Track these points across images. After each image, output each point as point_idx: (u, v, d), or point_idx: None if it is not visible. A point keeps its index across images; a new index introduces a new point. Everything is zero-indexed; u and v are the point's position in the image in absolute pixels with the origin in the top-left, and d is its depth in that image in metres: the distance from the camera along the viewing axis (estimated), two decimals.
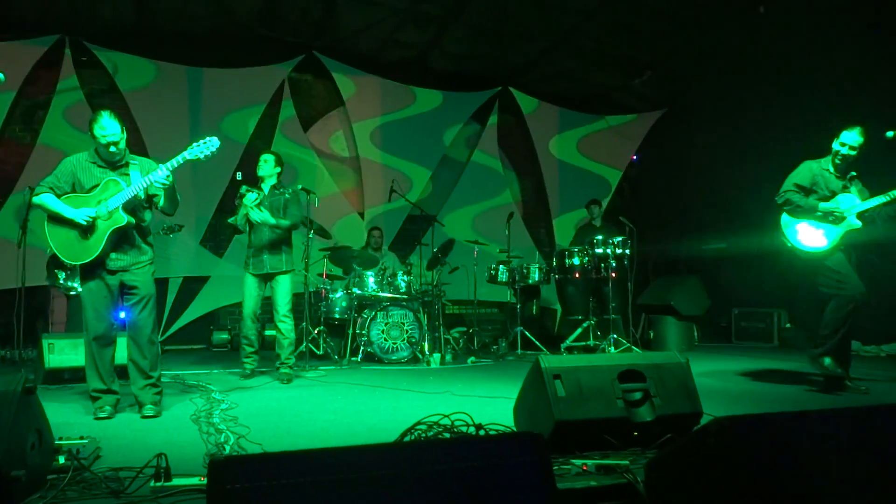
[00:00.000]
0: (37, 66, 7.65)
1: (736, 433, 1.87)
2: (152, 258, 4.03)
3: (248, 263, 5.60)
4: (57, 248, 3.75)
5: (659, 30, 8.29)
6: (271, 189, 5.67)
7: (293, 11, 8.06)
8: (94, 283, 3.84)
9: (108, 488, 2.32)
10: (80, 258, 3.75)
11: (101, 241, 3.73)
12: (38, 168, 7.41)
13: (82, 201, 3.76)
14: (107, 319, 3.88)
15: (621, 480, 2.34)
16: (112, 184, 3.78)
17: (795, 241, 5.02)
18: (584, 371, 2.92)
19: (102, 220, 3.73)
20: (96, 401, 3.86)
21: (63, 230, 3.74)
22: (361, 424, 3.70)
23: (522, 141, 10.31)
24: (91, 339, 3.85)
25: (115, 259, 3.85)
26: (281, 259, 5.55)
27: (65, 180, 3.82)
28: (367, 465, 1.62)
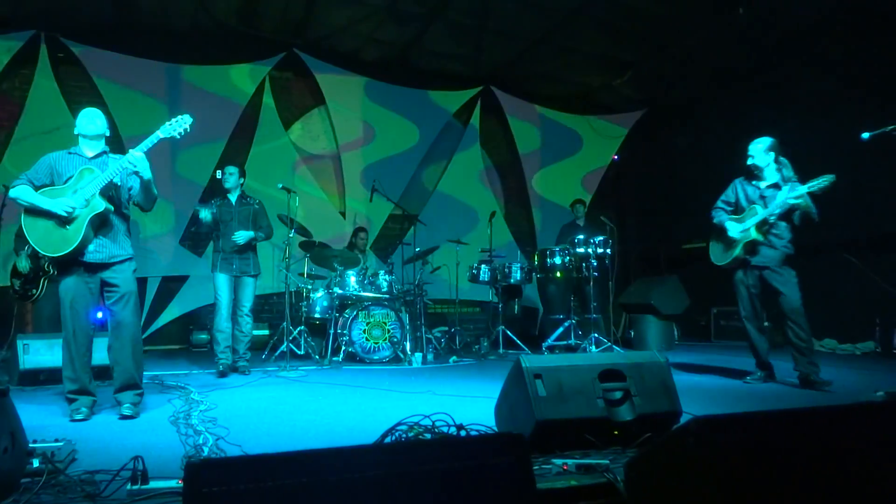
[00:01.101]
0: (11, 63, 7.53)
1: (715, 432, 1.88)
2: (132, 255, 3.96)
3: (216, 265, 5.95)
4: (35, 241, 3.68)
5: (640, 30, 8.35)
6: (238, 200, 6.07)
7: (273, 9, 8.01)
8: (72, 279, 3.77)
9: (83, 492, 2.28)
10: (60, 249, 3.66)
11: (80, 229, 3.66)
12: (13, 165, 7.31)
13: (59, 192, 3.70)
14: (85, 318, 3.81)
15: (601, 480, 2.34)
16: (87, 172, 3.74)
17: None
18: (565, 370, 2.92)
19: (80, 209, 3.68)
20: (72, 402, 3.79)
21: (41, 222, 3.68)
22: (342, 425, 3.68)
23: (504, 140, 10.33)
24: (69, 338, 3.77)
25: (95, 251, 3.78)
26: (249, 263, 6.00)
27: (43, 172, 3.78)
28: (347, 467, 1.61)
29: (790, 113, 8.66)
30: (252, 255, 6.05)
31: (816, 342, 7.95)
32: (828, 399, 4.44)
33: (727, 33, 8.10)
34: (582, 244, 7.34)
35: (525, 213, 10.47)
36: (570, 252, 7.45)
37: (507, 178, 10.43)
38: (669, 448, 1.95)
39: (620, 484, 2.25)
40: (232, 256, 5.92)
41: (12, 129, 7.57)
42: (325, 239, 7.84)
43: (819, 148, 8.28)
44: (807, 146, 8.43)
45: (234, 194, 6.08)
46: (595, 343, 7.13)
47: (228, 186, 6.04)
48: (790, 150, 5.42)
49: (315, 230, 7.52)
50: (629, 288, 8.80)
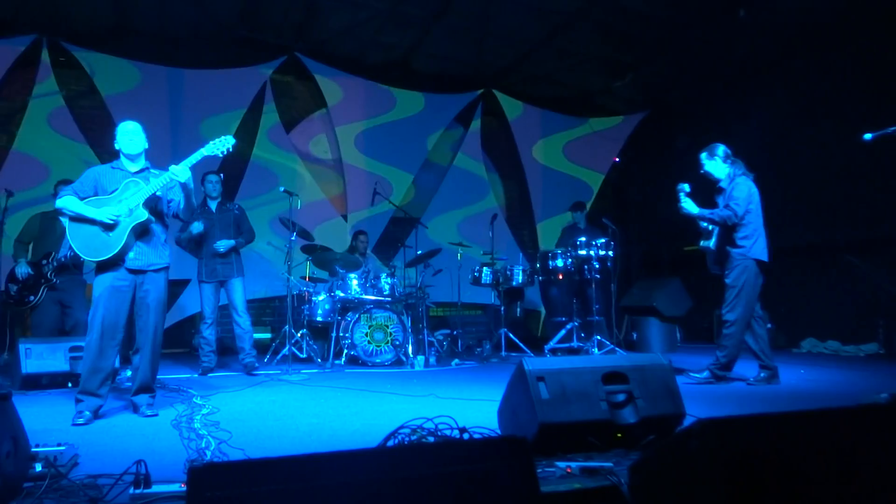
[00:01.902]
0: (13, 67, 7.54)
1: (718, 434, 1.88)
2: (169, 264, 4.11)
3: (201, 272, 6.11)
4: (78, 247, 3.85)
5: (640, 32, 8.35)
6: (218, 207, 6.21)
7: (275, 12, 8.02)
8: (108, 281, 3.88)
9: (86, 496, 2.28)
10: (101, 254, 3.82)
11: (122, 236, 3.83)
12: (16, 170, 7.32)
13: (104, 202, 3.87)
14: (115, 321, 3.87)
15: (605, 483, 2.33)
16: (132, 184, 3.92)
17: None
18: (568, 373, 2.92)
19: (124, 217, 3.84)
20: (79, 403, 3.80)
21: (84, 229, 3.84)
22: (344, 428, 3.67)
23: (506, 143, 10.33)
24: (96, 338, 3.82)
25: (135, 258, 3.92)
26: (232, 266, 6.12)
27: (88, 185, 3.95)
28: (350, 471, 1.60)
29: (792, 114, 8.67)
30: (234, 257, 6.17)
31: (820, 343, 7.97)
32: (832, 401, 4.43)
33: (728, 35, 8.10)
34: (584, 246, 7.34)
35: (527, 215, 10.47)
36: (572, 254, 7.44)
37: (509, 181, 10.43)
38: (674, 451, 1.94)
39: (625, 487, 2.24)
40: (214, 262, 6.06)
41: (14, 133, 7.57)
42: (327, 242, 7.83)
43: (820, 149, 8.29)
44: (808, 147, 8.45)
45: (214, 201, 6.19)
46: (597, 345, 7.12)
47: (215, 195, 6.18)
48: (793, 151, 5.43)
49: (317, 233, 7.52)
50: (631, 290, 8.78)
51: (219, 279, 6.08)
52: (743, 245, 5.04)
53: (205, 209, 6.14)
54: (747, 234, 5.03)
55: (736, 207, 5.00)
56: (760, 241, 5.07)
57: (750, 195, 5.08)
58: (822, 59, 8.20)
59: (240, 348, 6.14)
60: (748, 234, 5.03)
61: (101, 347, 3.84)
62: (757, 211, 5.11)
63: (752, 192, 5.10)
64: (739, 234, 5.04)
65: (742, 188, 5.07)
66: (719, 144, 5.34)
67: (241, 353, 6.13)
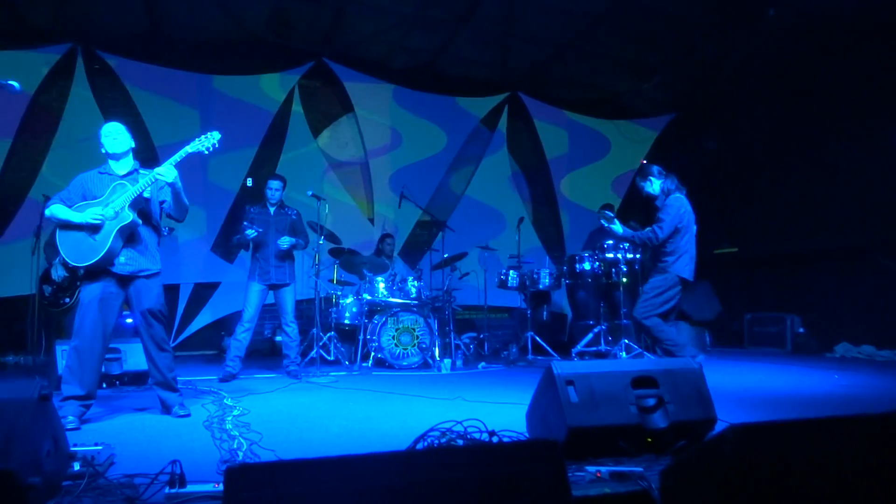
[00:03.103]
0: (50, 75, 7.72)
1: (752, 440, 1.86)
2: (161, 269, 4.08)
3: (253, 273, 6.05)
4: (66, 252, 3.81)
5: (667, 34, 8.28)
6: (276, 210, 6.18)
7: (303, 19, 8.11)
8: (96, 288, 3.87)
9: (123, 495, 2.32)
10: (87, 258, 3.78)
11: (108, 238, 3.78)
12: (52, 174, 7.49)
13: (91, 206, 3.84)
14: (101, 326, 3.86)
15: (636, 488, 2.32)
16: (119, 187, 3.88)
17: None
18: (597, 377, 2.91)
19: (109, 221, 3.80)
20: (61, 409, 3.67)
21: (72, 234, 3.81)
22: (373, 430, 3.70)
23: (532, 146, 10.31)
24: (80, 343, 3.81)
25: (125, 264, 3.89)
26: (285, 271, 6.09)
27: (76, 192, 3.92)
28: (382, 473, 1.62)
29: (821, 116, 8.54)
30: (289, 263, 6.15)
31: (853, 348, 7.82)
32: (867, 407, 4.34)
33: (757, 35, 8.00)
34: (611, 249, 7.28)
35: (553, 218, 10.43)
36: (600, 257, 7.39)
37: (535, 184, 10.40)
38: (706, 456, 1.93)
39: (656, 492, 2.22)
40: (268, 265, 6.01)
41: (50, 140, 7.75)
42: (354, 245, 7.89)
43: (850, 151, 8.15)
44: (838, 149, 8.31)
45: (273, 205, 6.20)
46: (625, 349, 7.06)
47: (274, 201, 6.17)
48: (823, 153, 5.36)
49: (344, 237, 7.58)
50: None
51: (270, 282, 6.02)
52: (666, 261, 5.18)
53: (262, 210, 6.16)
54: (671, 250, 5.17)
55: (658, 231, 5.15)
56: (684, 259, 5.17)
57: (679, 214, 5.19)
58: (853, 58, 8.06)
59: (285, 355, 6.16)
60: (672, 251, 5.16)
61: (84, 355, 3.82)
62: (687, 228, 5.23)
63: (681, 212, 5.22)
64: (665, 251, 5.20)
65: (671, 209, 5.20)
66: (652, 165, 5.52)
67: (285, 360, 6.15)
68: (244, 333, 5.95)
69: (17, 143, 7.63)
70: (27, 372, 6.45)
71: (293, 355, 6.14)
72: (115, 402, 4.68)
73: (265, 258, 6.03)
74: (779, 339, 8.51)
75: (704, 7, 7.53)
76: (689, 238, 5.23)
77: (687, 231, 5.21)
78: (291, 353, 6.14)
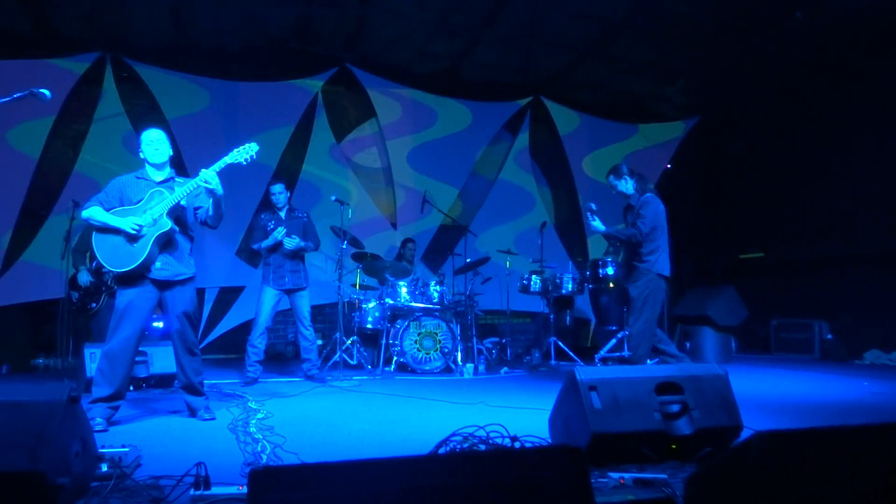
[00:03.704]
0: (79, 83, 7.86)
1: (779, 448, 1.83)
2: (195, 274, 4.15)
3: (268, 278, 6.07)
4: (103, 257, 3.87)
5: (691, 36, 8.20)
6: (287, 214, 6.21)
7: (326, 25, 8.18)
8: (133, 293, 3.92)
9: (149, 496, 2.36)
10: (125, 264, 3.83)
11: (146, 246, 3.84)
12: (81, 181, 7.63)
13: (129, 212, 3.89)
14: (135, 330, 3.92)
15: (660, 495, 2.30)
16: (157, 194, 3.94)
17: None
18: (621, 383, 2.88)
19: (147, 228, 3.86)
20: (93, 409, 3.76)
21: (109, 239, 3.86)
22: (395, 434, 3.71)
23: (554, 150, 10.27)
24: (114, 347, 3.86)
25: (161, 269, 3.96)
26: (300, 276, 6.11)
27: (113, 196, 3.98)
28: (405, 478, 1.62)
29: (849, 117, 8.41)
30: (302, 266, 6.16)
31: (884, 355, 7.67)
32: None
33: (783, 37, 7.90)
34: None
35: (576, 223, 10.37)
36: None
37: (558, 188, 10.36)
38: (732, 463, 1.90)
39: (680, 499, 2.20)
40: (283, 270, 6.02)
41: (80, 147, 7.89)
42: (377, 251, 7.93)
43: (880, 153, 8.01)
44: (866, 152, 8.17)
45: (283, 210, 6.21)
46: None
47: (281, 204, 6.19)
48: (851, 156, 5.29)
49: (367, 241, 7.62)
50: (684, 299, 8.62)
51: (285, 288, 6.02)
52: (648, 260, 5.20)
53: (274, 216, 6.19)
54: (652, 249, 5.19)
55: (642, 226, 5.18)
56: (664, 257, 5.23)
57: (657, 213, 5.23)
58: (881, 58, 7.93)
59: (305, 359, 6.16)
60: (653, 250, 5.19)
61: (116, 358, 3.87)
62: (663, 227, 5.27)
63: (658, 210, 5.26)
64: (645, 250, 5.21)
65: (650, 207, 5.23)
66: (622, 163, 5.57)
67: (305, 364, 6.15)
68: (260, 338, 5.98)
69: (47, 150, 7.76)
70: (56, 375, 6.58)
71: (313, 358, 6.17)
72: (141, 404, 4.74)
73: (279, 263, 6.04)
74: (806, 345, 8.37)
75: (728, 10, 7.46)
76: (665, 236, 5.30)
77: (664, 229, 5.28)
78: (311, 356, 6.16)
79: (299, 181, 8.75)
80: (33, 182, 7.63)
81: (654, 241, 5.18)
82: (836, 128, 8.58)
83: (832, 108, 8.63)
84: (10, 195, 7.49)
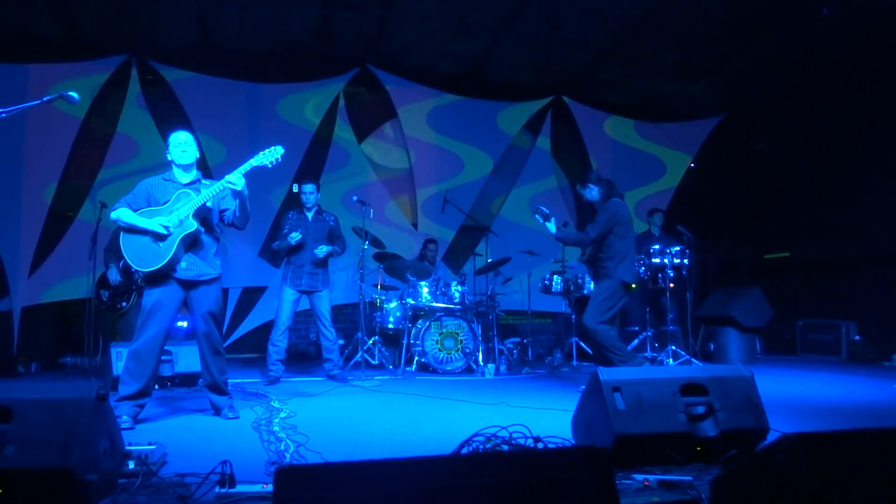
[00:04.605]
0: (106, 86, 7.98)
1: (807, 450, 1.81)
2: (220, 274, 4.20)
3: (286, 278, 6.11)
4: (130, 257, 3.94)
5: (715, 34, 8.11)
6: (314, 216, 6.21)
7: (348, 27, 8.22)
8: (159, 292, 3.99)
9: (175, 493, 2.39)
10: (151, 264, 3.90)
11: (171, 246, 3.90)
12: (107, 185, 7.74)
13: (156, 213, 3.96)
14: (162, 330, 3.98)
15: (686, 497, 2.28)
16: (183, 195, 4.00)
17: None
18: (645, 384, 2.86)
19: (174, 228, 3.92)
20: (120, 407, 3.82)
21: (137, 239, 3.93)
22: (417, 434, 3.71)
23: (577, 150, 10.22)
24: (141, 346, 3.92)
25: (186, 269, 4.01)
26: (318, 278, 6.13)
27: (141, 197, 4.05)
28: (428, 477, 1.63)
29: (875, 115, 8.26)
30: (323, 269, 6.17)
31: None
32: None
33: (809, 34, 7.78)
34: (658, 254, 7.17)
35: None
36: (646, 262, 7.28)
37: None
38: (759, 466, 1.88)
39: (706, 502, 2.18)
40: (301, 271, 6.07)
41: (106, 148, 8.01)
42: (398, 251, 7.95)
43: None
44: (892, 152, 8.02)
45: (310, 210, 6.23)
46: (672, 356, 6.94)
47: (310, 205, 6.20)
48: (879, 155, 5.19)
49: (388, 242, 7.64)
50: (708, 299, 8.52)
51: (302, 289, 6.07)
52: (607, 266, 5.26)
53: (300, 216, 6.21)
54: (611, 255, 5.25)
55: (591, 231, 5.23)
56: (626, 263, 5.26)
57: (613, 219, 5.23)
58: None
59: (326, 359, 6.21)
60: (611, 256, 5.24)
61: (143, 357, 3.93)
62: (623, 233, 5.26)
63: (617, 215, 5.25)
64: (603, 255, 5.28)
65: (605, 213, 5.25)
66: (590, 171, 5.64)
67: (327, 364, 6.20)
68: (281, 337, 6.04)
69: (74, 152, 7.88)
70: (83, 373, 6.68)
71: (335, 358, 6.21)
72: (166, 402, 4.80)
73: (299, 264, 6.07)
74: (834, 346, 8.24)
75: (752, 6, 7.36)
76: (629, 242, 5.31)
77: (625, 235, 5.28)
78: (333, 356, 6.19)
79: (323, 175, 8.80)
80: (62, 182, 7.76)
81: (610, 247, 5.22)
82: (863, 126, 8.44)
83: (860, 107, 8.49)
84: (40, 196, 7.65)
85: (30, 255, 7.56)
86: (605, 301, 5.18)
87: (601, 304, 5.18)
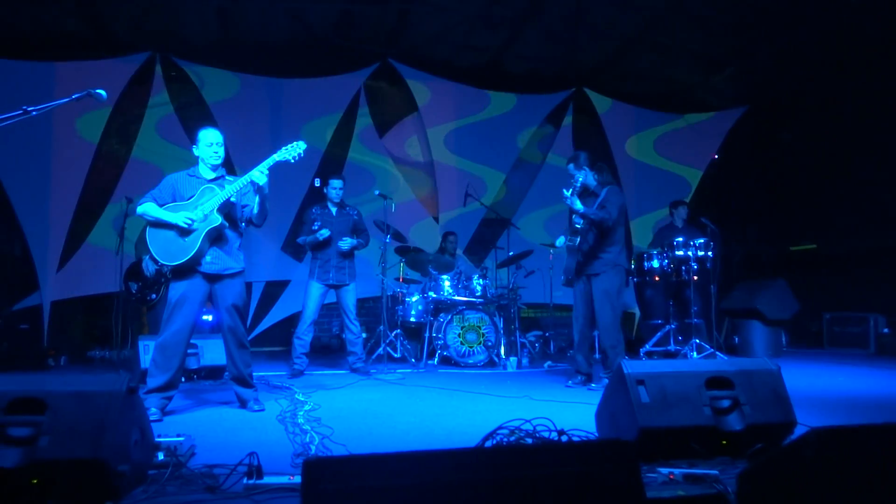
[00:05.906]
0: (130, 83, 8.08)
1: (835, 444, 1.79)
2: (244, 268, 4.25)
3: (314, 272, 6.18)
4: (156, 251, 4.01)
5: (739, 24, 8.00)
6: (339, 210, 6.28)
7: (368, 21, 8.23)
8: (184, 285, 4.05)
9: (204, 484, 2.43)
10: (176, 258, 3.98)
11: (197, 240, 3.96)
12: (133, 179, 7.84)
13: (182, 207, 4.03)
14: (187, 322, 4.04)
15: (711, 491, 2.27)
16: (208, 190, 4.06)
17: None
18: (669, 377, 2.85)
19: (199, 223, 3.98)
20: (149, 399, 3.83)
21: (162, 233, 4.00)
22: (441, 427, 3.73)
23: (598, 142, 10.14)
24: (168, 338, 3.98)
25: (211, 263, 4.07)
26: (345, 272, 6.21)
27: (166, 192, 4.12)
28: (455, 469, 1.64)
29: None
30: (349, 262, 6.24)
31: None
32: None
33: (834, 23, 7.64)
34: (681, 247, 7.09)
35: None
36: (669, 255, 7.21)
37: None
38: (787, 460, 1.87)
39: (732, 496, 2.17)
40: (328, 265, 6.14)
41: (132, 144, 8.13)
42: (419, 243, 7.96)
43: None
44: None
45: (335, 206, 6.29)
46: (696, 349, 6.88)
47: (337, 200, 6.27)
48: None
49: (410, 235, 7.66)
50: (733, 292, 8.43)
51: (329, 283, 6.15)
52: (610, 251, 5.21)
53: (324, 210, 6.29)
54: (614, 241, 5.21)
55: (613, 211, 5.13)
56: (626, 251, 5.31)
57: (621, 205, 5.22)
58: None
59: (350, 352, 6.27)
60: (615, 242, 5.21)
61: (169, 350, 3.98)
62: (623, 220, 5.31)
63: (623, 203, 5.28)
64: (607, 242, 5.20)
65: (618, 197, 5.22)
66: (581, 152, 5.48)
67: (351, 357, 6.26)
68: (306, 331, 6.12)
69: (100, 149, 8.00)
70: (112, 366, 6.79)
71: (359, 352, 6.27)
72: (193, 395, 4.87)
73: (326, 258, 6.15)
74: (862, 339, 8.12)
75: None
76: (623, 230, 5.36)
77: (622, 224, 5.31)
78: (356, 349, 6.25)
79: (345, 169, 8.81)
80: (89, 178, 7.88)
81: (615, 233, 5.19)
82: (890, 115, 8.28)
83: (887, 95, 8.32)
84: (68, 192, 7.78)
85: (58, 251, 7.69)
86: (617, 295, 5.17)
87: (615, 299, 5.15)
